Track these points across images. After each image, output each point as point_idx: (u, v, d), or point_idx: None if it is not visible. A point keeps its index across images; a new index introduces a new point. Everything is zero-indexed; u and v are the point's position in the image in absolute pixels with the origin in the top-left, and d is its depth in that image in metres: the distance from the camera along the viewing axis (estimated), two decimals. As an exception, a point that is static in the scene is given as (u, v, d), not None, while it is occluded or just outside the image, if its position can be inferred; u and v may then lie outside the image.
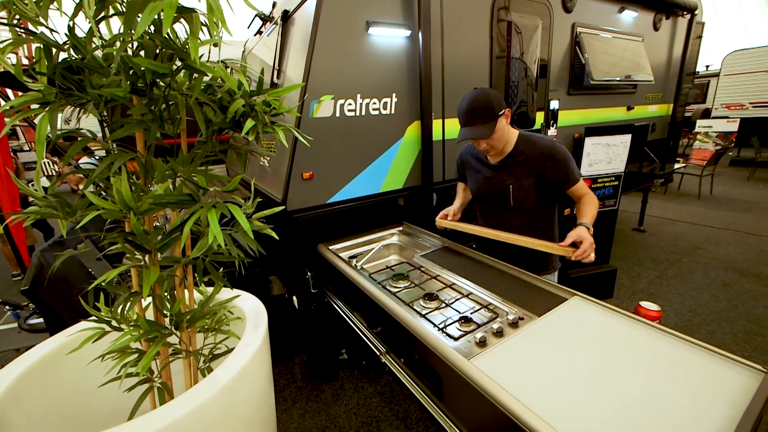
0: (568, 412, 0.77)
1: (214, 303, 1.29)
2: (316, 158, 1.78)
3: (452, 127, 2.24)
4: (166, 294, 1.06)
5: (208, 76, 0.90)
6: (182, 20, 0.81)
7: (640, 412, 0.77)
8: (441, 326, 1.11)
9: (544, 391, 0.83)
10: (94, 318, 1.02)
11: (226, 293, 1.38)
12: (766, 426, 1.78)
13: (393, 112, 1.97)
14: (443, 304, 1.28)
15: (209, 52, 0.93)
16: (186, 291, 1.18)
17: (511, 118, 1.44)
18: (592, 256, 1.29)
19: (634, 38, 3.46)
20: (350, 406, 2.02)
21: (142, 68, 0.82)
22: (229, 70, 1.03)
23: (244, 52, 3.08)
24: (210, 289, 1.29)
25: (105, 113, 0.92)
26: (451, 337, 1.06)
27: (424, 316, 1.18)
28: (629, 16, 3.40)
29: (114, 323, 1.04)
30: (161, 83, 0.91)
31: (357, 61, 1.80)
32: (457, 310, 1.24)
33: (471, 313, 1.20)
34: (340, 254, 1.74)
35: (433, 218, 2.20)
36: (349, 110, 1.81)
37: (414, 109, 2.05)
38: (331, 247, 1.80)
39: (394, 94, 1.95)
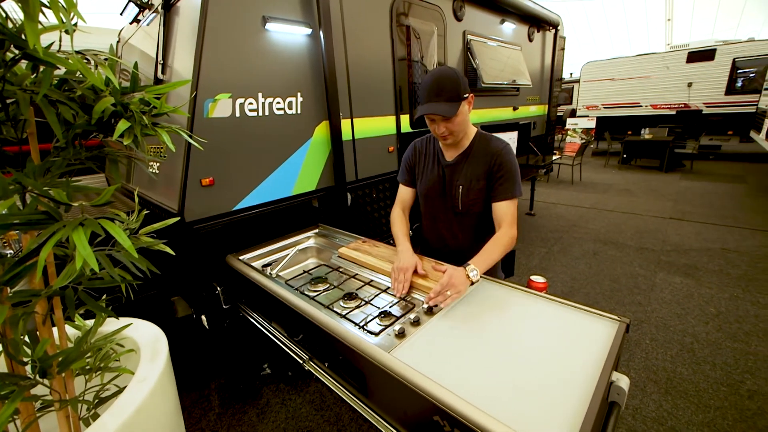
0: (481, 384, 0.85)
1: (97, 337, 1.10)
2: (217, 162, 1.63)
3: (361, 126, 2.27)
4: (23, 337, 0.86)
5: (59, 69, 0.75)
6: (15, -1, 0.66)
7: (536, 368, 0.89)
8: (362, 324, 1.12)
9: (458, 370, 0.90)
10: None
11: (113, 324, 1.19)
12: (626, 362, 2.22)
13: (299, 112, 1.91)
14: (363, 302, 1.28)
15: (60, 40, 0.78)
16: (55, 328, 0.97)
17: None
18: (446, 299, 1.12)
19: (514, 47, 3.96)
20: (278, 422, 1.92)
21: (-42, 56, 0.65)
22: (92, 63, 0.88)
23: (118, 42, 2.67)
24: (90, 322, 1.09)
25: None
26: (371, 333, 1.08)
27: (344, 316, 1.17)
28: (509, 27, 3.87)
29: (-56, 385, 0.81)
30: (-9, 76, 0.73)
31: (256, 58, 1.70)
32: (376, 306, 1.26)
33: (390, 307, 1.24)
34: (253, 264, 1.63)
35: (349, 217, 2.20)
36: (250, 110, 1.70)
37: (321, 109, 2.03)
38: (241, 257, 1.67)
39: (299, 94, 1.90)
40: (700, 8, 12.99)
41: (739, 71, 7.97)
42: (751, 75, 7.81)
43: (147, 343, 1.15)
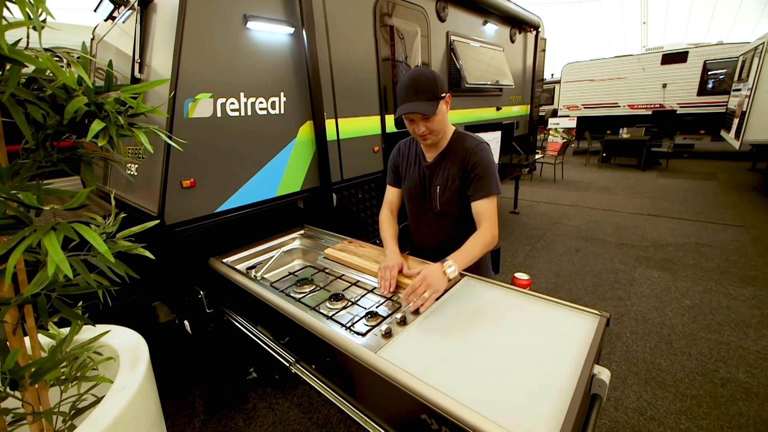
0: (467, 381, 0.86)
1: (73, 346, 1.06)
2: (198, 163, 1.60)
3: (346, 127, 2.26)
4: (-9, 347, 0.82)
5: (27, 66, 0.72)
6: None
7: (521, 363, 0.90)
8: (348, 325, 1.11)
9: (444, 367, 0.90)
10: None
11: (90, 332, 1.15)
12: (608, 355, 2.28)
13: (283, 112, 1.89)
14: (349, 303, 1.28)
15: (28, 37, 0.75)
16: (27, 338, 0.93)
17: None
18: (425, 301, 1.07)
19: (496, 48, 4.02)
20: (265, 426, 1.89)
21: None
22: (64, 61, 0.84)
23: (92, 39, 2.58)
24: (66, 330, 1.05)
25: None
26: (358, 333, 1.07)
27: (330, 317, 1.17)
28: (491, 28, 3.93)
29: None
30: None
31: (237, 57, 1.67)
32: (363, 307, 1.26)
33: (376, 307, 1.23)
34: (237, 266, 1.60)
35: (334, 218, 2.18)
36: (232, 110, 1.67)
37: (305, 109, 2.01)
38: (225, 260, 1.64)
39: (282, 93, 1.87)
40: (673, 12, 13.48)
41: (709, 73, 8.30)
42: (721, 77, 8.15)
43: (127, 350, 1.12)
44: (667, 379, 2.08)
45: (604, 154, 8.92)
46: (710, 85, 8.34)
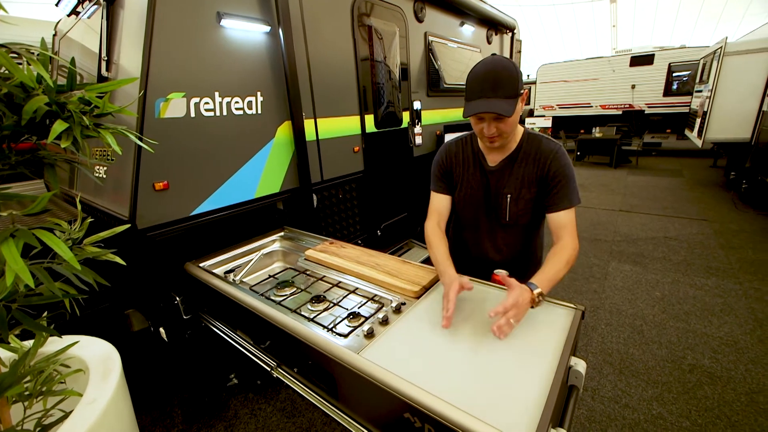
0: (448, 377, 0.86)
1: (38, 359, 1.00)
2: (171, 165, 1.54)
3: (325, 127, 2.24)
4: (-55, 364, 0.77)
5: (-21, 63, 0.67)
6: None
7: (500, 358, 0.92)
8: (330, 327, 1.10)
9: (426, 365, 0.91)
10: None
11: (56, 343, 1.09)
12: (584, 347, 2.36)
13: (260, 112, 1.85)
14: (331, 304, 1.27)
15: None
16: (-15, 353, 0.88)
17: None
18: (507, 329, 0.95)
19: (473, 49, 4.08)
20: (247, 433, 1.85)
21: None
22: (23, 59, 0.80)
23: (54, 35, 2.45)
24: (29, 343, 1.00)
25: None
26: (340, 335, 1.07)
27: (312, 320, 1.15)
28: (468, 30, 3.99)
29: None
30: None
31: (211, 56, 1.62)
32: (345, 308, 1.25)
33: (359, 308, 1.23)
34: (214, 270, 1.56)
35: (315, 219, 2.16)
36: (206, 110, 1.62)
37: (283, 109, 1.98)
38: (202, 264, 1.59)
39: (259, 93, 1.84)
40: (641, 16, 14.08)
41: (674, 75, 8.72)
42: (684, 79, 8.57)
43: (97, 361, 1.07)
44: (640, 368, 2.17)
45: (579, 153, 9.22)
46: (675, 87, 8.76)
